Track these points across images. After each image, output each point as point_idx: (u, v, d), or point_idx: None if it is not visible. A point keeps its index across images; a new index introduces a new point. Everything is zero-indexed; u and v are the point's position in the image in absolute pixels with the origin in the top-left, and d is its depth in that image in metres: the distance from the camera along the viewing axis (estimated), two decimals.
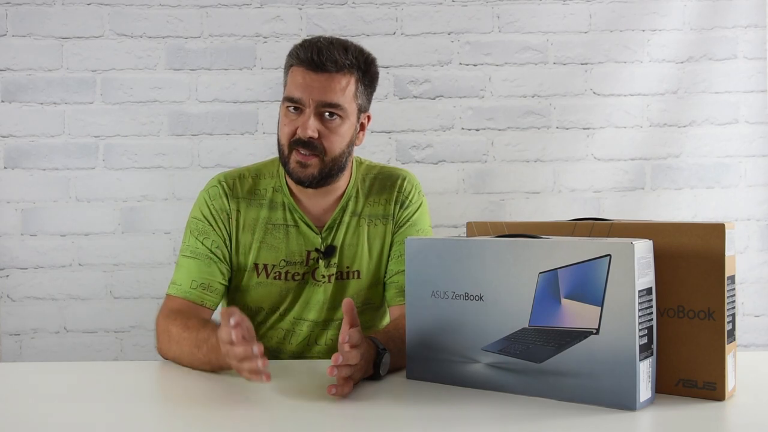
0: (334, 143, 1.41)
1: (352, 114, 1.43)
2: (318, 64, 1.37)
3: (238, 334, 1.06)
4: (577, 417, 0.97)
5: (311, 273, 1.48)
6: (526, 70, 2.22)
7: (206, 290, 1.44)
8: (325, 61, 1.37)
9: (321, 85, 1.38)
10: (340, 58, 1.38)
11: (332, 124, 1.40)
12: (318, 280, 1.48)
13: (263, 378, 1.06)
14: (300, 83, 1.39)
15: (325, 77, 1.38)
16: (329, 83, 1.39)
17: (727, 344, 1.04)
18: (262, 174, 1.53)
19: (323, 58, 1.37)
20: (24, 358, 2.16)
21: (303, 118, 1.39)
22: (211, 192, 1.50)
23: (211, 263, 1.45)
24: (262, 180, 1.52)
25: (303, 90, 1.39)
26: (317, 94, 1.38)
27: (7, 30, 2.16)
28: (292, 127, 1.40)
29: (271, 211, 1.49)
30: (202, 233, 1.47)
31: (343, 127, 1.42)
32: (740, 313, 2.22)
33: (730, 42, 2.22)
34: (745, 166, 2.23)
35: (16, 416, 1.02)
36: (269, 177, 1.52)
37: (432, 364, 1.16)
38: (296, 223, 1.49)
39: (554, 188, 2.22)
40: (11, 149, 2.16)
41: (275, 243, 1.48)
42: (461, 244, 1.13)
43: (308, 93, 1.38)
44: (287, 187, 1.50)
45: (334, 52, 1.38)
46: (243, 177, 1.52)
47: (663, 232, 1.07)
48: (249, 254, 1.48)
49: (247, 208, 1.49)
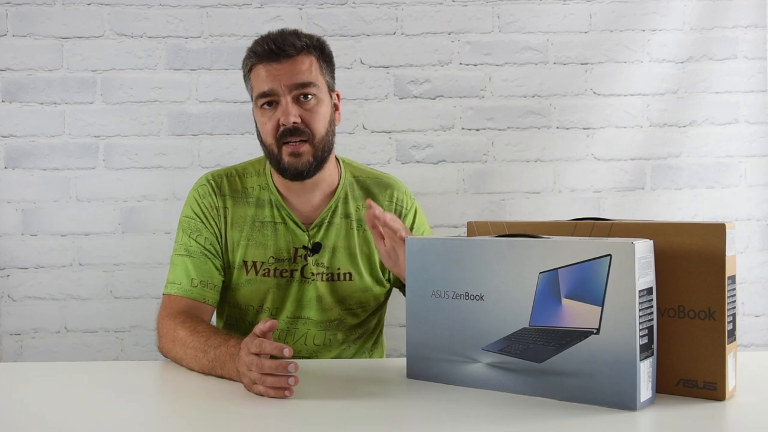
0: (317, 124, 1.42)
1: (325, 92, 1.45)
2: (277, 53, 1.39)
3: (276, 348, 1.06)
4: (577, 417, 0.97)
5: (300, 270, 1.48)
6: (526, 70, 2.22)
7: (207, 287, 1.44)
8: (285, 47, 1.39)
9: (287, 71, 1.40)
10: (297, 41, 1.41)
11: (310, 105, 1.41)
12: (307, 278, 1.49)
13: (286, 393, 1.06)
14: (266, 76, 1.40)
15: (289, 62, 1.40)
16: (294, 66, 1.40)
17: (728, 344, 1.04)
18: (248, 172, 1.54)
19: (280, 45, 1.39)
20: (24, 358, 2.16)
21: (282, 108, 1.40)
22: (200, 190, 1.51)
23: (206, 260, 1.45)
24: (248, 178, 1.53)
25: (272, 81, 1.40)
26: (287, 79, 1.39)
27: (7, 30, 2.16)
28: (273, 122, 1.41)
29: (258, 208, 1.50)
30: (195, 231, 1.47)
31: (322, 106, 1.43)
32: (740, 313, 2.22)
33: (730, 42, 2.22)
34: (745, 166, 2.23)
35: (16, 416, 1.02)
36: (255, 175, 1.53)
37: (432, 364, 1.16)
38: (284, 220, 1.49)
39: (554, 188, 2.22)
40: (11, 149, 2.16)
41: (263, 240, 1.48)
42: (461, 244, 1.13)
43: (278, 81, 1.39)
44: (273, 185, 1.51)
45: (288, 37, 1.41)
46: (230, 175, 1.53)
47: (663, 232, 1.07)
48: (237, 251, 1.48)
49: (235, 205, 1.50)
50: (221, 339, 1.24)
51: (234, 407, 1.05)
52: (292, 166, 1.41)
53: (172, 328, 1.34)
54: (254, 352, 1.08)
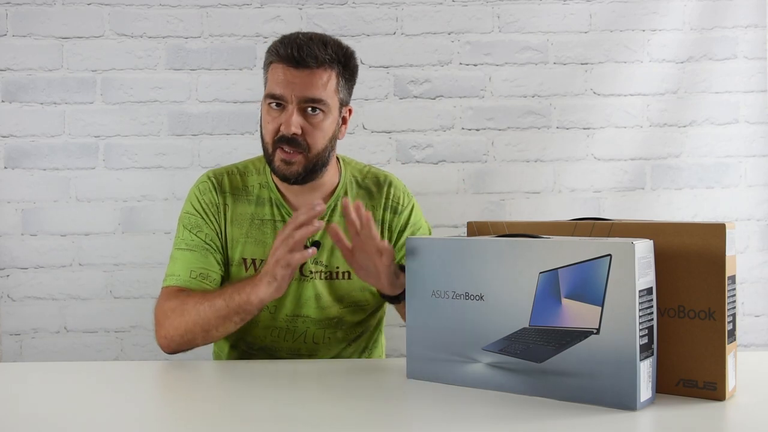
0: (317, 139, 1.41)
1: (334, 108, 1.44)
2: (298, 61, 1.37)
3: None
4: (577, 417, 0.97)
5: (299, 268, 1.48)
6: (526, 70, 2.22)
7: (205, 279, 1.44)
8: (306, 57, 1.37)
9: (302, 81, 1.38)
10: (320, 54, 1.38)
11: (315, 120, 1.40)
12: (306, 276, 1.49)
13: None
14: (281, 80, 1.39)
15: (306, 73, 1.38)
16: (311, 79, 1.38)
17: (728, 344, 1.04)
18: (249, 171, 1.54)
19: (303, 54, 1.37)
20: (24, 358, 2.16)
21: (286, 115, 1.39)
22: (201, 187, 1.52)
23: (207, 254, 1.46)
24: (249, 177, 1.53)
25: (284, 86, 1.39)
26: (299, 89, 1.38)
27: (7, 30, 2.16)
28: (275, 124, 1.41)
29: (258, 207, 1.50)
30: (196, 227, 1.48)
31: (326, 122, 1.42)
32: (740, 313, 2.22)
33: (730, 42, 2.22)
34: (745, 166, 2.23)
35: (16, 416, 1.02)
36: (256, 173, 1.54)
37: (432, 364, 1.16)
38: (284, 218, 1.49)
39: (554, 188, 2.22)
40: (11, 149, 2.16)
41: (263, 238, 1.48)
42: (461, 243, 1.13)
43: (290, 89, 1.38)
44: (274, 184, 1.51)
45: (314, 47, 1.38)
46: (231, 173, 1.54)
47: (663, 232, 1.07)
48: (237, 248, 1.49)
49: (235, 203, 1.50)
50: (237, 281, 1.35)
51: (234, 407, 1.05)
52: (281, 171, 1.42)
53: (179, 303, 1.37)
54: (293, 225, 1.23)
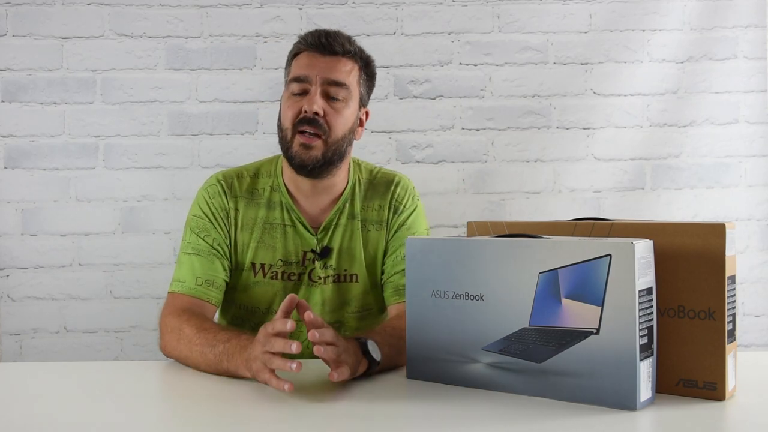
0: (338, 123, 1.42)
1: (355, 100, 1.46)
2: (325, 46, 1.42)
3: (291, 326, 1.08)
4: (577, 417, 0.97)
5: (308, 274, 1.48)
6: (526, 70, 2.22)
7: (210, 286, 1.43)
8: (333, 43, 1.42)
9: (327, 65, 1.42)
10: (346, 44, 1.44)
11: (337, 105, 1.43)
12: (314, 281, 1.48)
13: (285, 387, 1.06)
14: (306, 63, 1.43)
15: (332, 59, 1.43)
16: (335, 64, 1.43)
17: (728, 344, 1.04)
18: (260, 173, 1.53)
19: (330, 40, 1.43)
20: (24, 358, 2.16)
21: (309, 97, 1.41)
22: (210, 190, 1.50)
23: (213, 259, 1.45)
24: (260, 179, 1.52)
25: (310, 68, 1.42)
26: (324, 71, 1.42)
27: (7, 30, 2.16)
28: (297, 108, 1.41)
29: (269, 210, 1.49)
30: (203, 230, 1.46)
31: (348, 110, 1.44)
32: (740, 313, 2.22)
33: (730, 42, 2.22)
34: (745, 166, 2.23)
35: (16, 416, 1.02)
36: (267, 176, 1.52)
37: (432, 364, 1.15)
38: (293, 223, 1.48)
39: (554, 188, 2.22)
40: (11, 149, 2.16)
41: (273, 242, 1.47)
42: (461, 244, 1.13)
43: (315, 70, 1.42)
44: (284, 187, 1.50)
45: (340, 38, 1.44)
46: (241, 176, 1.52)
47: (663, 232, 1.07)
48: (247, 253, 1.48)
49: (246, 207, 1.49)
50: (231, 333, 1.24)
51: (234, 407, 1.05)
52: (299, 156, 1.41)
53: (177, 326, 1.33)
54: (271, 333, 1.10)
